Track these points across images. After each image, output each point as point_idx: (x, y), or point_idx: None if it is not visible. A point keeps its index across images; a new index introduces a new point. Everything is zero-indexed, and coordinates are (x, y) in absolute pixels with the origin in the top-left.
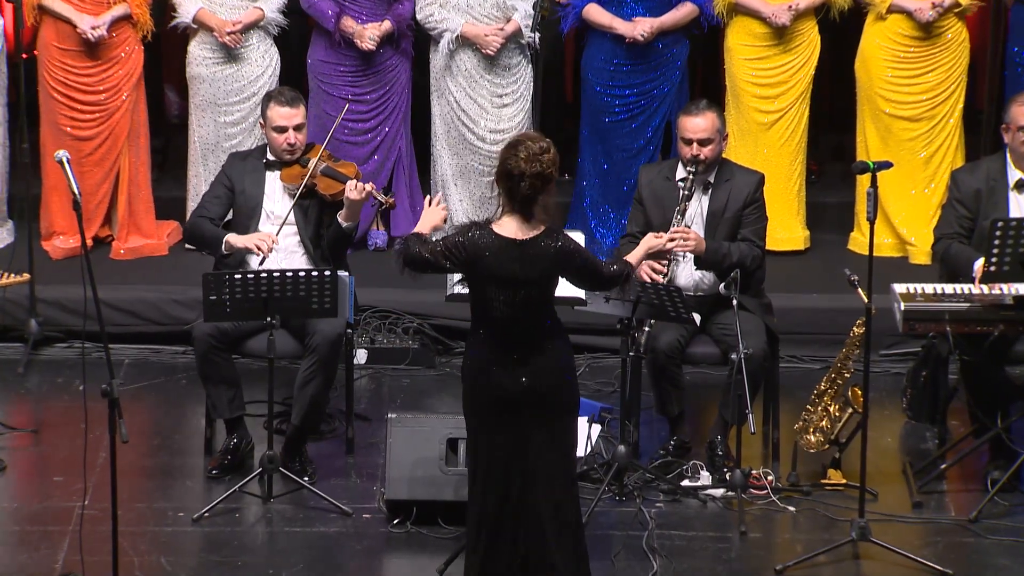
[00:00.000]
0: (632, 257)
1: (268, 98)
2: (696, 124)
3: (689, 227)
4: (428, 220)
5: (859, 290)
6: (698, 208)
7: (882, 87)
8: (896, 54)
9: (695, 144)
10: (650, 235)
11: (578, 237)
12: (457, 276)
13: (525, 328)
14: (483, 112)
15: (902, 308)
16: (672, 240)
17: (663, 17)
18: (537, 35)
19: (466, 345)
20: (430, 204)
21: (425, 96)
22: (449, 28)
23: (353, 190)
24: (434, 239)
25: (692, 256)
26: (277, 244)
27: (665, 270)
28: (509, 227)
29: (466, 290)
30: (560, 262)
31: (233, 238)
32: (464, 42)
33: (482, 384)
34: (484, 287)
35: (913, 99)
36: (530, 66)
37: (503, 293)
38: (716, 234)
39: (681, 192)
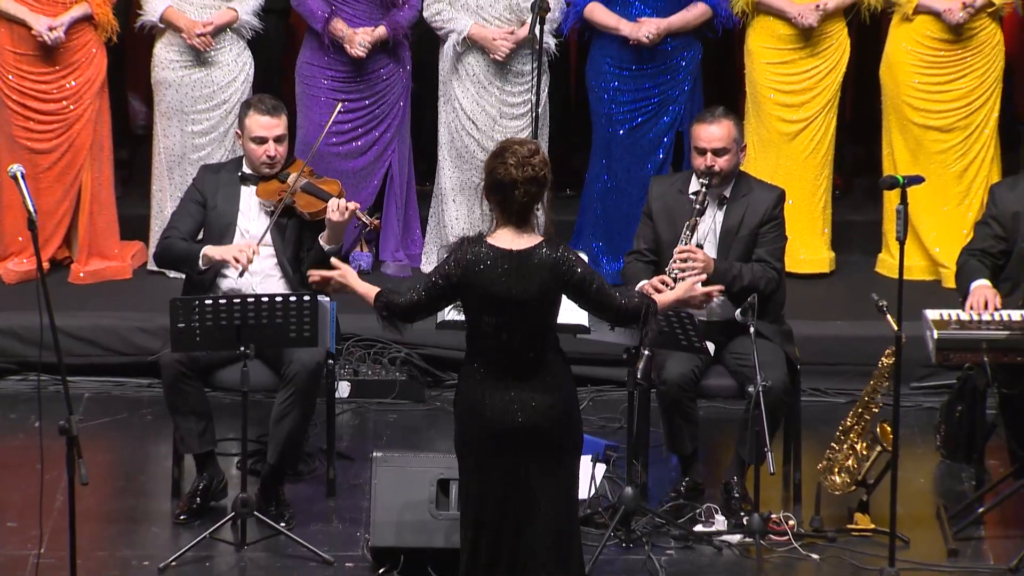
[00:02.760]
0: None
1: (247, 106)
2: (711, 132)
3: (700, 246)
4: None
5: (888, 317)
6: (711, 224)
7: (910, 95)
8: (924, 59)
9: (709, 154)
10: (688, 282)
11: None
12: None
13: (523, 357)
14: (492, 122)
15: (935, 336)
16: (675, 262)
17: (671, 18)
18: (553, 41)
19: (459, 376)
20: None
21: (425, 106)
22: (456, 29)
23: (335, 210)
24: (457, 230)
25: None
26: (258, 254)
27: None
28: (504, 239)
29: (459, 316)
30: (559, 275)
31: (211, 250)
32: (472, 45)
33: (475, 419)
34: (478, 310)
35: (944, 107)
36: (546, 74)
37: (498, 316)
38: (729, 253)
39: (693, 207)
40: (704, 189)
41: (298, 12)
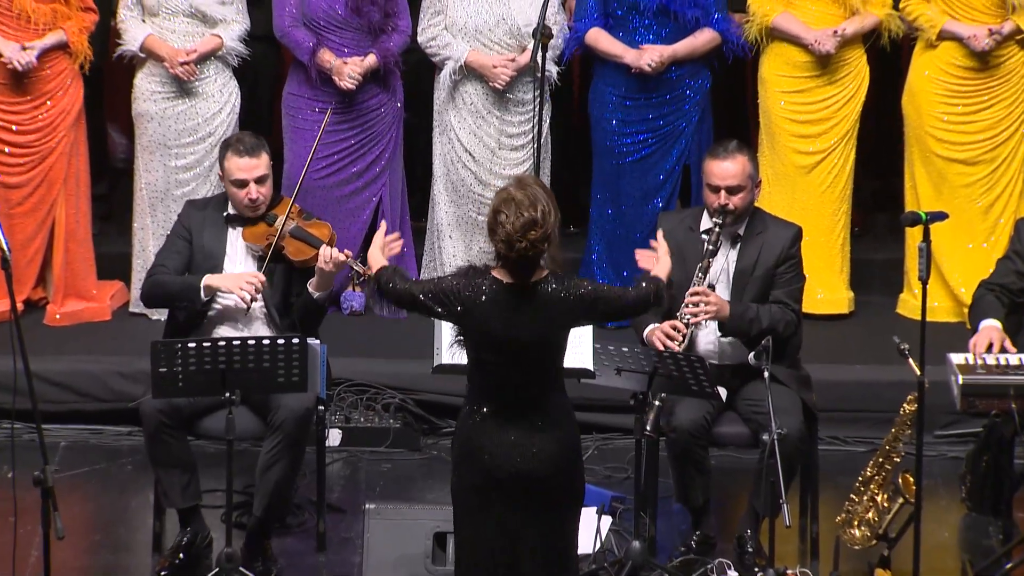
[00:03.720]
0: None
1: (225, 146)
2: (724, 169)
3: (713, 287)
4: (374, 245)
5: (910, 361)
6: (724, 264)
7: (933, 126)
8: (949, 88)
9: (723, 192)
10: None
11: None
12: (445, 344)
13: (525, 399)
14: (490, 154)
15: (960, 382)
16: (688, 305)
17: (677, 45)
18: (556, 69)
19: (458, 418)
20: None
21: (419, 137)
22: (453, 56)
23: (327, 261)
24: (424, 278)
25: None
26: (266, 286)
27: (683, 336)
28: (509, 273)
29: (455, 360)
30: (567, 308)
31: (214, 279)
32: (470, 72)
33: (473, 463)
34: (478, 347)
35: (969, 139)
36: (548, 103)
37: (498, 355)
38: (744, 294)
39: (705, 246)
40: (717, 228)
41: (283, 43)
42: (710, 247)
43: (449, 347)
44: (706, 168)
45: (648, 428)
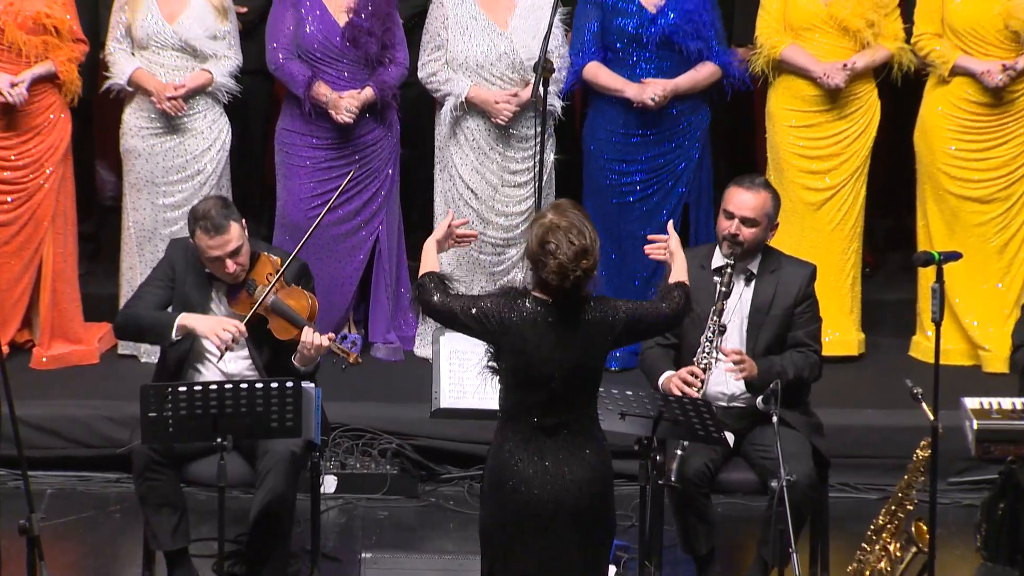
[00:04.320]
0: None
1: (194, 221)
2: (744, 199)
3: (725, 327)
4: (436, 235)
5: (923, 405)
6: (737, 302)
7: (946, 163)
8: (962, 124)
9: (736, 221)
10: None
11: None
12: (444, 387)
13: (561, 427)
14: (492, 191)
15: (975, 427)
16: (705, 349)
17: (679, 79)
18: (559, 103)
19: (490, 448)
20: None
21: (416, 173)
22: (454, 91)
23: (309, 348)
24: (461, 292)
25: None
26: (245, 336)
27: (701, 382)
28: (552, 297)
29: (454, 404)
30: (608, 329)
31: (189, 319)
32: (472, 107)
33: (504, 494)
34: (516, 369)
35: (983, 177)
36: (551, 138)
37: (538, 378)
38: (759, 335)
39: (718, 288)
40: (730, 270)
41: (277, 77)
42: (723, 289)
43: (479, 373)
44: (727, 194)
45: (672, 478)
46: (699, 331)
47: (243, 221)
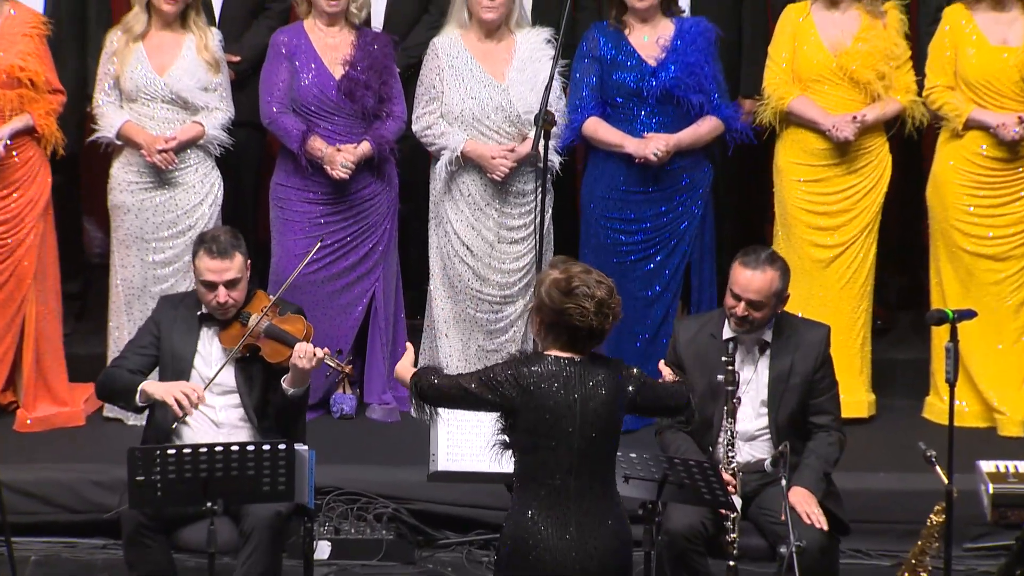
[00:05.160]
0: None
1: (199, 243)
2: (749, 280)
3: (740, 400)
4: (404, 361)
5: (937, 468)
6: (754, 374)
7: (959, 219)
8: (975, 179)
9: (743, 304)
10: None
11: None
12: (442, 449)
13: (583, 491)
14: (488, 248)
15: (990, 491)
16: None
17: (681, 133)
18: (558, 158)
19: (507, 514)
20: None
21: (414, 229)
22: (449, 145)
23: (302, 357)
24: (451, 368)
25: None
26: (203, 401)
27: (734, 488)
28: (571, 351)
29: (452, 467)
30: (619, 388)
31: (151, 386)
32: (468, 162)
33: (524, 565)
34: (538, 432)
35: (998, 233)
36: (550, 193)
37: (562, 439)
38: (781, 405)
39: (727, 389)
40: (731, 368)
41: (271, 131)
42: (729, 388)
43: (491, 448)
44: (732, 273)
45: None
46: (711, 404)
47: (249, 261)
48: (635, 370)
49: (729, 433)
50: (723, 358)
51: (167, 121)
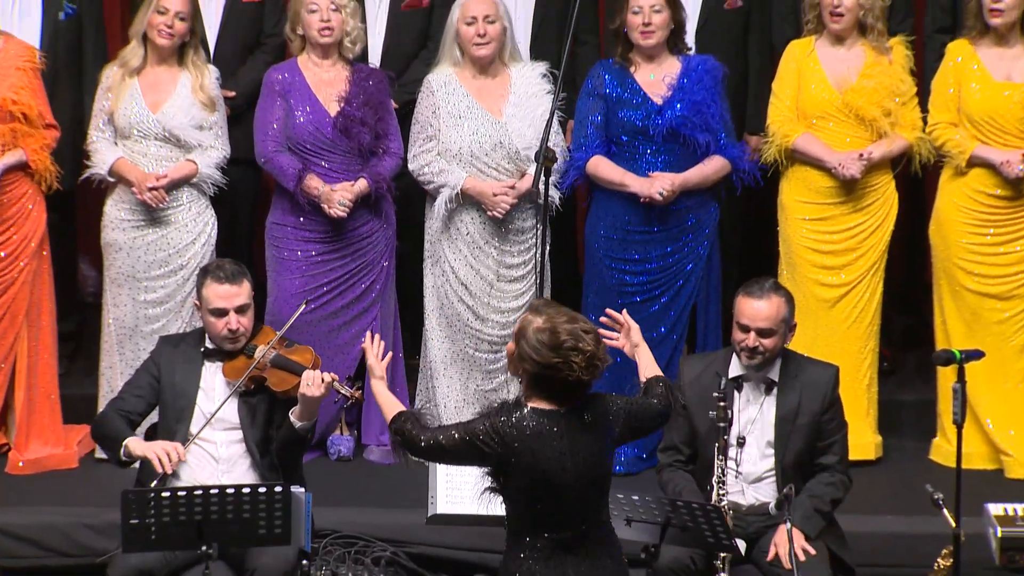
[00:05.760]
0: None
1: (204, 273)
2: (757, 309)
3: (744, 440)
4: (376, 373)
5: (945, 511)
6: (759, 414)
7: (963, 257)
8: (979, 217)
9: (753, 333)
10: None
11: None
12: (441, 491)
13: (578, 537)
14: (487, 287)
15: (999, 534)
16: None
17: (687, 172)
18: (558, 194)
19: (503, 564)
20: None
21: (411, 268)
22: (448, 183)
23: (310, 384)
24: (450, 408)
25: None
26: (184, 460)
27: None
28: (551, 402)
29: (451, 509)
30: (610, 427)
31: (134, 444)
32: (466, 200)
33: None
34: (526, 485)
35: (1003, 272)
36: (549, 230)
37: (551, 489)
38: (788, 445)
39: (716, 423)
40: (723, 403)
41: (267, 170)
42: (721, 424)
43: (480, 496)
44: (738, 305)
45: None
46: (714, 444)
47: (253, 292)
48: (617, 402)
49: (720, 471)
50: (714, 394)
51: (160, 158)
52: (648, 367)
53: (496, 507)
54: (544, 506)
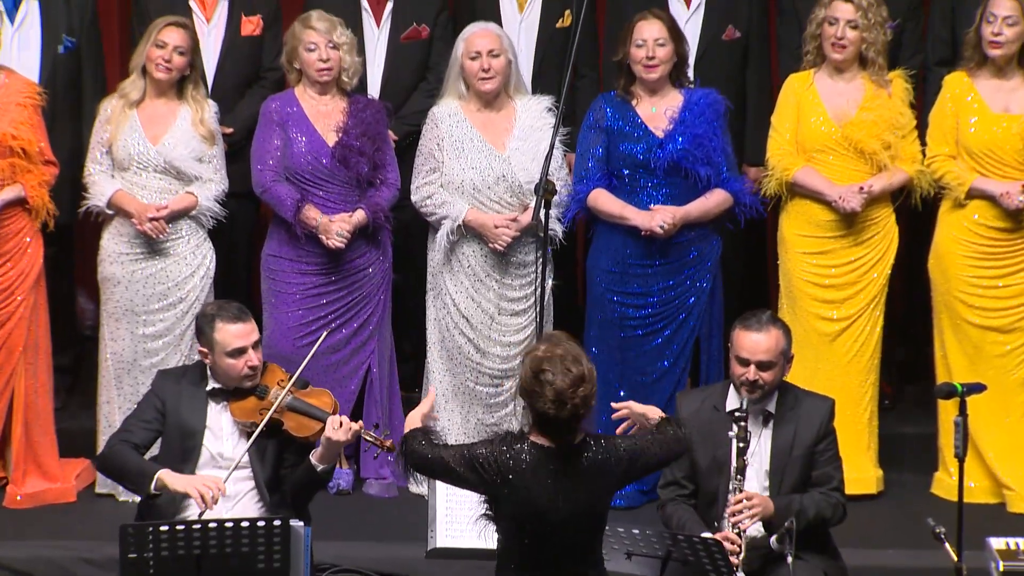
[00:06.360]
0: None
1: (210, 318)
2: (756, 342)
3: (742, 480)
4: (419, 409)
5: (947, 545)
6: (757, 446)
7: (963, 290)
8: (979, 249)
9: (752, 367)
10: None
11: None
12: (441, 525)
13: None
14: (489, 320)
15: (1001, 568)
16: (735, 515)
17: (689, 206)
18: (560, 227)
19: None
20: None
21: (408, 300)
22: (450, 215)
23: (337, 430)
24: (450, 442)
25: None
26: (225, 494)
27: (739, 547)
28: (550, 438)
29: (451, 543)
30: (611, 472)
31: (170, 477)
32: (468, 232)
33: None
34: (517, 518)
35: (1003, 305)
36: (550, 264)
37: (542, 526)
38: (784, 477)
39: (735, 443)
40: (744, 423)
41: (264, 201)
42: (740, 444)
43: (474, 522)
44: (735, 339)
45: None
46: (716, 478)
47: None
48: (623, 445)
49: (736, 489)
50: (736, 413)
51: (159, 191)
52: (654, 417)
53: (495, 541)
54: (533, 542)
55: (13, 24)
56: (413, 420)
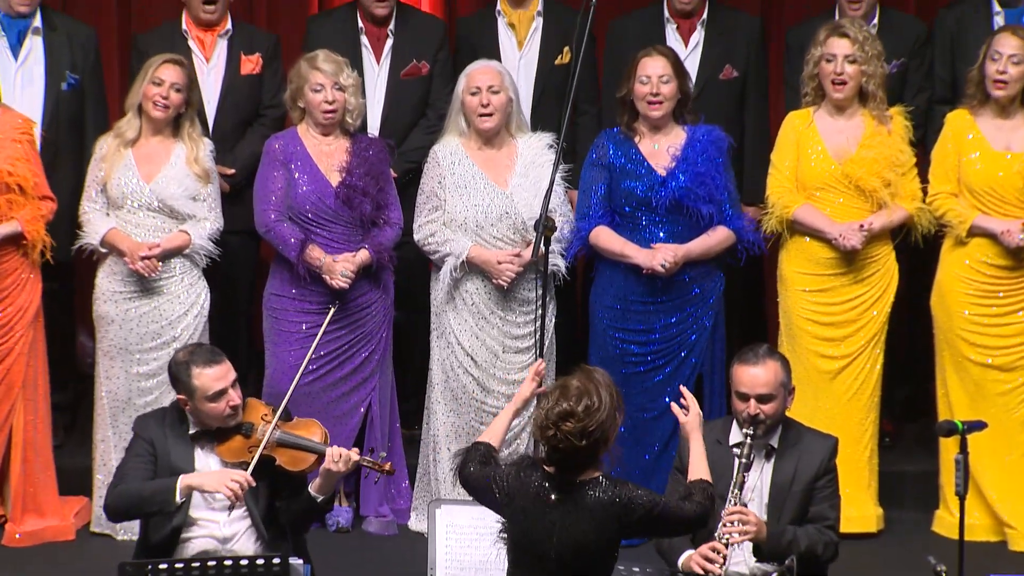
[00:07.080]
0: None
1: (186, 365)
2: (754, 376)
3: (746, 504)
4: (520, 394)
5: None
6: (758, 479)
7: (965, 328)
8: (981, 287)
9: (753, 401)
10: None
11: None
12: (440, 563)
13: None
14: (493, 358)
15: None
16: (726, 525)
17: (690, 244)
18: (563, 263)
19: None
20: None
21: (409, 338)
22: (453, 252)
23: (336, 461)
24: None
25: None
26: (253, 484)
27: (723, 558)
28: (555, 468)
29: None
30: (616, 517)
31: (193, 479)
32: (471, 269)
33: None
34: (517, 545)
35: (1005, 343)
36: (552, 301)
37: (537, 558)
38: (783, 512)
39: (738, 461)
40: (750, 440)
41: (267, 240)
42: (743, 460)
43: (493, 544)
44: (734, 374)
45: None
46: (717, 511)
47: None
48: (643, 497)
49: (734, 501)
50: (744, 429)
51: (153, 229)
52: (697, 466)
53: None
54: (528, 571)
55: (17, 60)
56: (501, 418)
